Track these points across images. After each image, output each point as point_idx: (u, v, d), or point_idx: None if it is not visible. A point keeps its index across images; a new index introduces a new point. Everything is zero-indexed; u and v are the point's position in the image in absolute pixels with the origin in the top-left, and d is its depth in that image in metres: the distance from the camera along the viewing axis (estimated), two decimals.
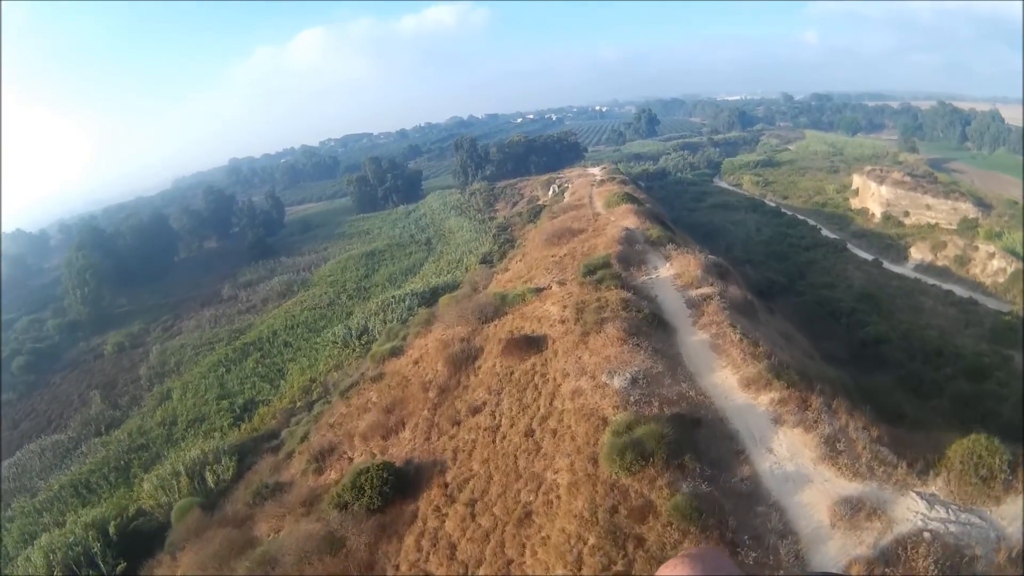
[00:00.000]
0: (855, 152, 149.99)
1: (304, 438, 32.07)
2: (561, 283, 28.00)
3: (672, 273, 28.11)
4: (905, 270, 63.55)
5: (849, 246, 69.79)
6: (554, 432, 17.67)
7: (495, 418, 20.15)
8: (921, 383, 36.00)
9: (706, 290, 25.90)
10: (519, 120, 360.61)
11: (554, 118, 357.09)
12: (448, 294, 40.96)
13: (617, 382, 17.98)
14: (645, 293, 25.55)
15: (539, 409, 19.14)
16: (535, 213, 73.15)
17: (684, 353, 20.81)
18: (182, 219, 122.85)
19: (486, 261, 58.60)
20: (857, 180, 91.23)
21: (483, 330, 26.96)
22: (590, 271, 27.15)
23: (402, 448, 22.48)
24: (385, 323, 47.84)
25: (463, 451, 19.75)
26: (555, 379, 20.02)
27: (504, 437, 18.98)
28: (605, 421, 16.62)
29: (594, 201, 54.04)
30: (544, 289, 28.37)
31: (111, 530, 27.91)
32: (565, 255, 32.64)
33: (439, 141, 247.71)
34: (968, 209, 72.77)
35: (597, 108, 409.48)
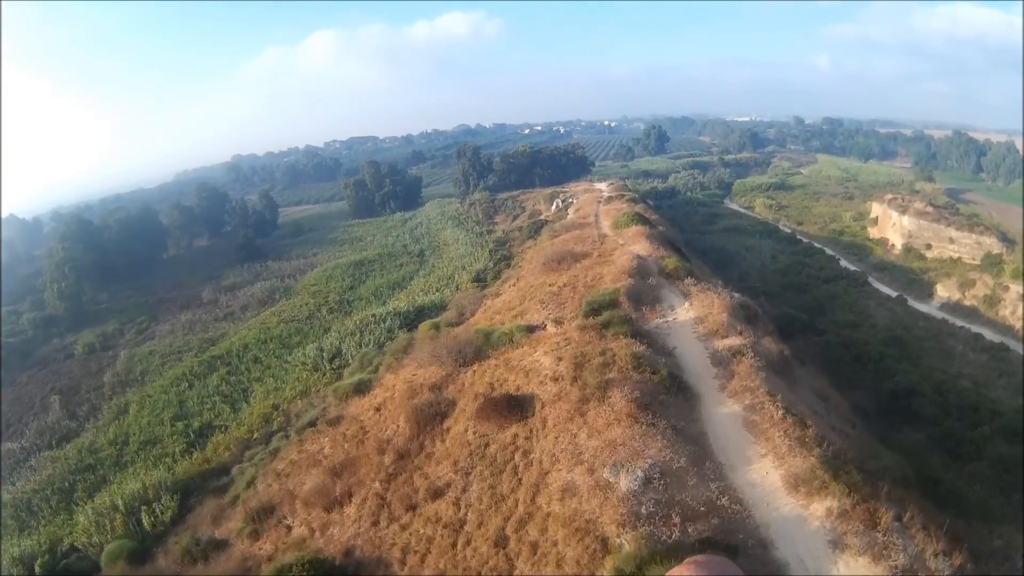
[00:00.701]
0: (869, 178, 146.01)
1: (251, 483, 27.56)
2: (558, 322, 23.22)
3: (692, 316, 23.32)
4: (931, 309, 58.85)
5: (870, 279, 65.11)
6: (533, 547, 12.87)
7: (460, 509, 15.35)
8: (957, 443, 31.95)
9: (735, 341, 21.10)
10: (526, 131, 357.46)
11: (562, 131, 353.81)
12: (430, 320, 36.29)
13: (624, 482, 13.15)
14: (660, 343, 20.72)
15: (517, 506, 14.34)
16: (536, 229, 68.48)
17: (711, 433, 15.95)
18: (173, 215, 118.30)
19: (479, 280, 53.85)
20: (876, 208, 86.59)
21: (459, 377, 22.18)
22: (594, 310, 22.38)
23: (345, 530, 17.66)
24: (360, 346, 43.00)
25: (415, 552, 14.97)
26: (541, 463, 15.21)
27: (468, 543, 14.17)
28: (605, 545, 11.83)
29: (600, 220, 49.40)
30: (537, 328, 23.61)
31: (37, 568, 25.74)
32: (565, 285, 27.83)
33: (444, 148, 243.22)
34: (992, 244, 68.26)
35: (606, 123, 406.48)
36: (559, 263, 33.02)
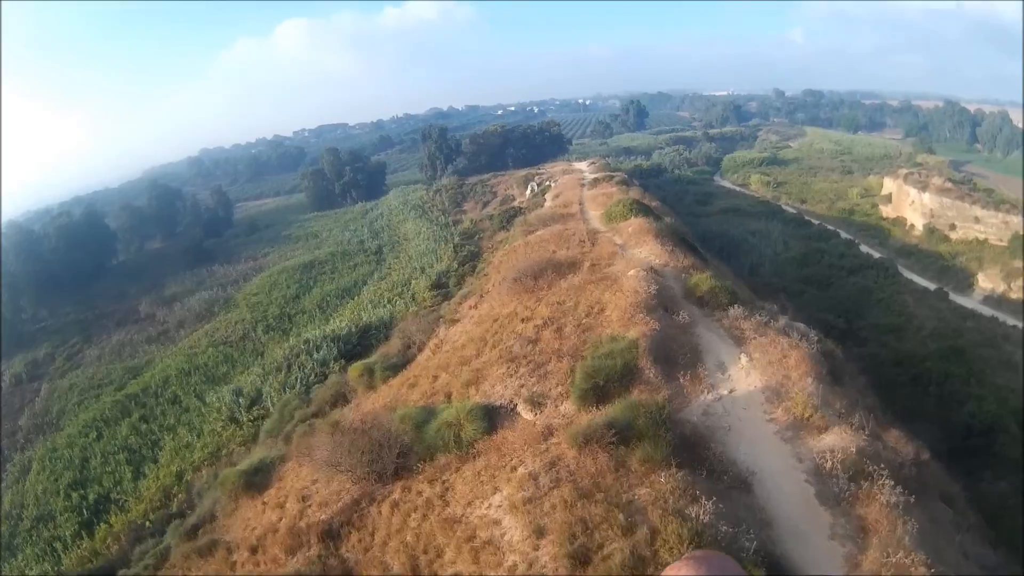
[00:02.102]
0: (864, 151, 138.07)
1: None
2: (536, 405, 13.87)
3: (758, 384, 13.90)
4: (975, 303, 50.24)
5: (900, 268, 56.37)
6: None
7: None
8: None
9: (840, 440, 11.83)
10: (500, 112, 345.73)
11: (536, 110, 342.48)
12: (362, 362, 26.71)
13: None
14: (722, 460, 11.32)
15: None
16: (508, 218, 58.89)
17: None
18: (122, 217, 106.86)
19: (439, 286, 44.31)
20: (889, 185, 77.88)
21: (369, 513, 12.77)
22: (597, 388, 13.11)
23: None
24: (284, 388, 33.43)
25: None
26: None
27: None
28: None
29: (587, 210, 39.68)
30: (502, 412, 14.26)
31: None
32: (546, 323, 18.16)
33: (413, 132, 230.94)
34: (1019, 223, 59.86)
35: (580, 101, 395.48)
36: (535, 279, 23.32)
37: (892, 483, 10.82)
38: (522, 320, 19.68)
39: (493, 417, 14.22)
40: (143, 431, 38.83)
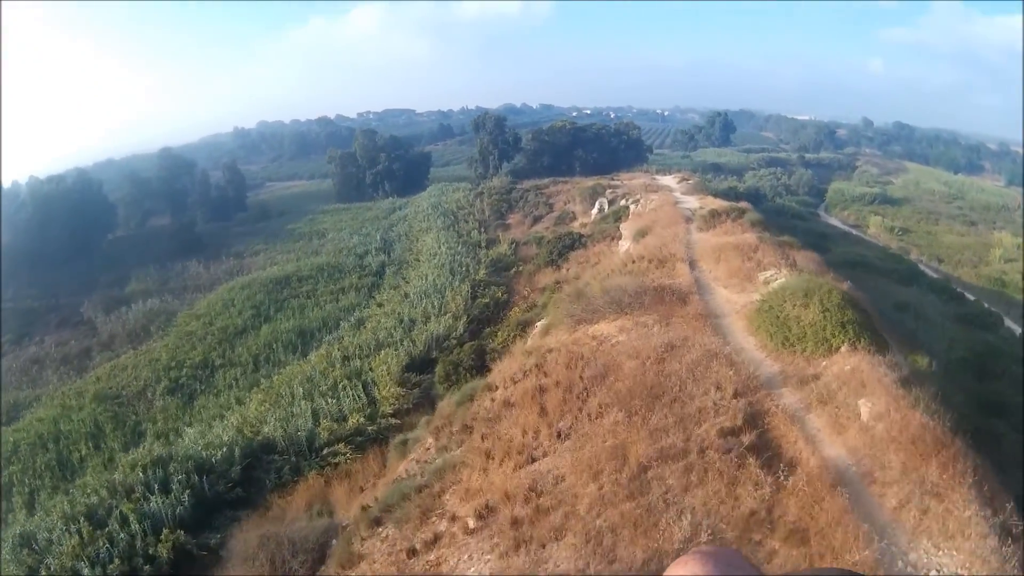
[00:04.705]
0: (977, 197, 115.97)
1: None
2: None
3: None
4: None
5: None
6: None
7: None
8: None
9: None
10: (574, 114, 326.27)
11: (612, 116, 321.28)
12: None
13: None
14: None
15: None
16: (560, 250, 40.39)
17: None
18: (123, 188, 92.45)
19: (413, 376, 26.14)
20: None
21: None
22: None
23: None
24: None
25: None
26: None
27: None
28: None
29: (705, 279, 20.56)
30: None
31: None
32: None
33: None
34: None
35: (659, 111, 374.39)
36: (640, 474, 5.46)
37: None
38: None
39: None
40: None
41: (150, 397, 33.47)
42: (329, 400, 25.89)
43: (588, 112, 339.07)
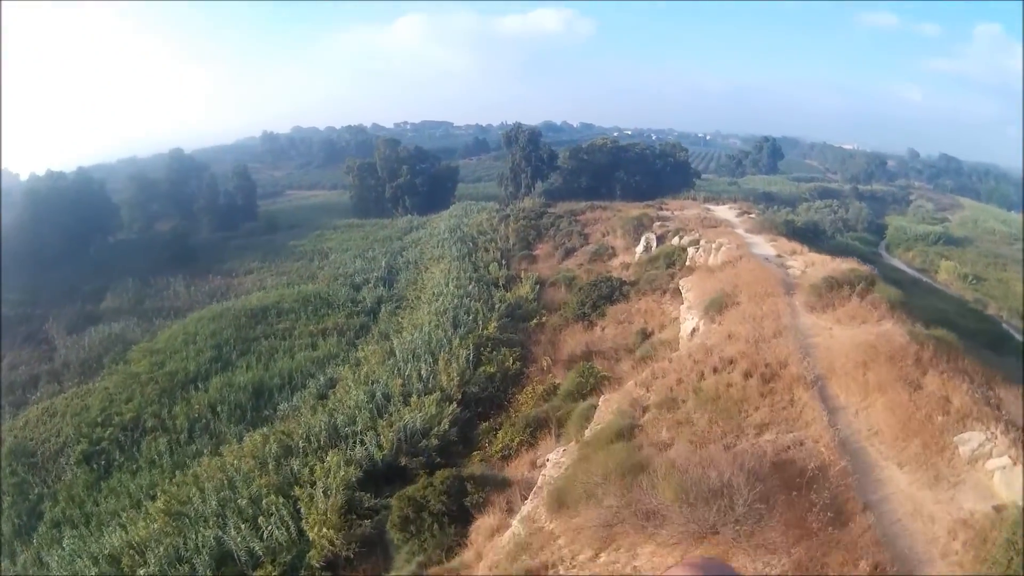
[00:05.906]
0: None
1: None
2: None
3: None
4: None
5: None
6: None
7: None
8: None
9: None
10: (616, 134, 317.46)
11: (654, 137, 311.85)
12: None
13: None
14: None
15: None
16: (596, 300, 31.53)
17: None
18: (128, 188, 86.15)
19: (360, 486, 17.48)
20: None
21: None
22: None
23: None
24: None
25: None
26: None
27: None
28: None
29: (835, 396, 11.86)
30: None
31: None
32: None
33: None
34: None
35: (700, 135, 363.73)
36: None
37: None
38: None
39: None
40: None
41: (63, 464, 25.65)
42: (242, 528, 17.37)
43: (629, 133, 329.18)
